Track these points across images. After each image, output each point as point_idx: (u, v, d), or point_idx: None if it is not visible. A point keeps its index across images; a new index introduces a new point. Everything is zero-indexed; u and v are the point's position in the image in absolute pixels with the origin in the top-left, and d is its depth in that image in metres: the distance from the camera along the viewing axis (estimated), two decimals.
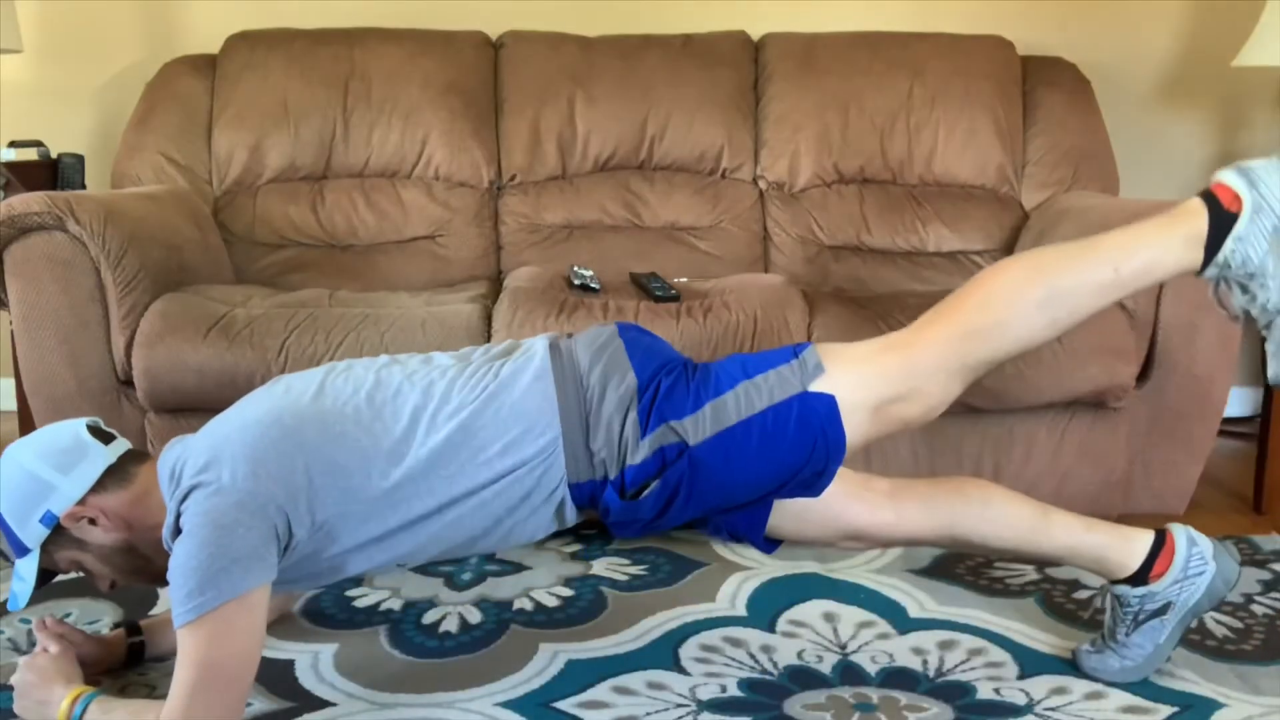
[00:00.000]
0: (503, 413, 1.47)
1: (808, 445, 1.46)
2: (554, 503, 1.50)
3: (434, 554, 1.54)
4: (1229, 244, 1.42)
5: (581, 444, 1.47)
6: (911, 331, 1.49)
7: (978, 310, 1.45)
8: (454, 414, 1.48)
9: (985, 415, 2.22)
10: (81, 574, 1.58)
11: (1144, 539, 1.61)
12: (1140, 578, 1.59)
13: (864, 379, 1.46)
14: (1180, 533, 1.62)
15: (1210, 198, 1.45)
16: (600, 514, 1.52)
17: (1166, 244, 1.44)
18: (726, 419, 1.45)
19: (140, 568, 1.56)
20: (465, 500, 1.47)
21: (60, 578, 2.03)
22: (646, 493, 1.47)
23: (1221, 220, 1.42)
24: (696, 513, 1.53)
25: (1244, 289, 1.45)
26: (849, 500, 1.62)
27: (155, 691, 1.64)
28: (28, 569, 1.52)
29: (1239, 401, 3.20)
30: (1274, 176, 1.42)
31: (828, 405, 1.44)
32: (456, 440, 1.46)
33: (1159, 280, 1.50)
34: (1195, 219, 1.44)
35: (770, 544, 1.65)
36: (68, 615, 1.90)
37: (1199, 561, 1.59)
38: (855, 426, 1.46)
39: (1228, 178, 1.44)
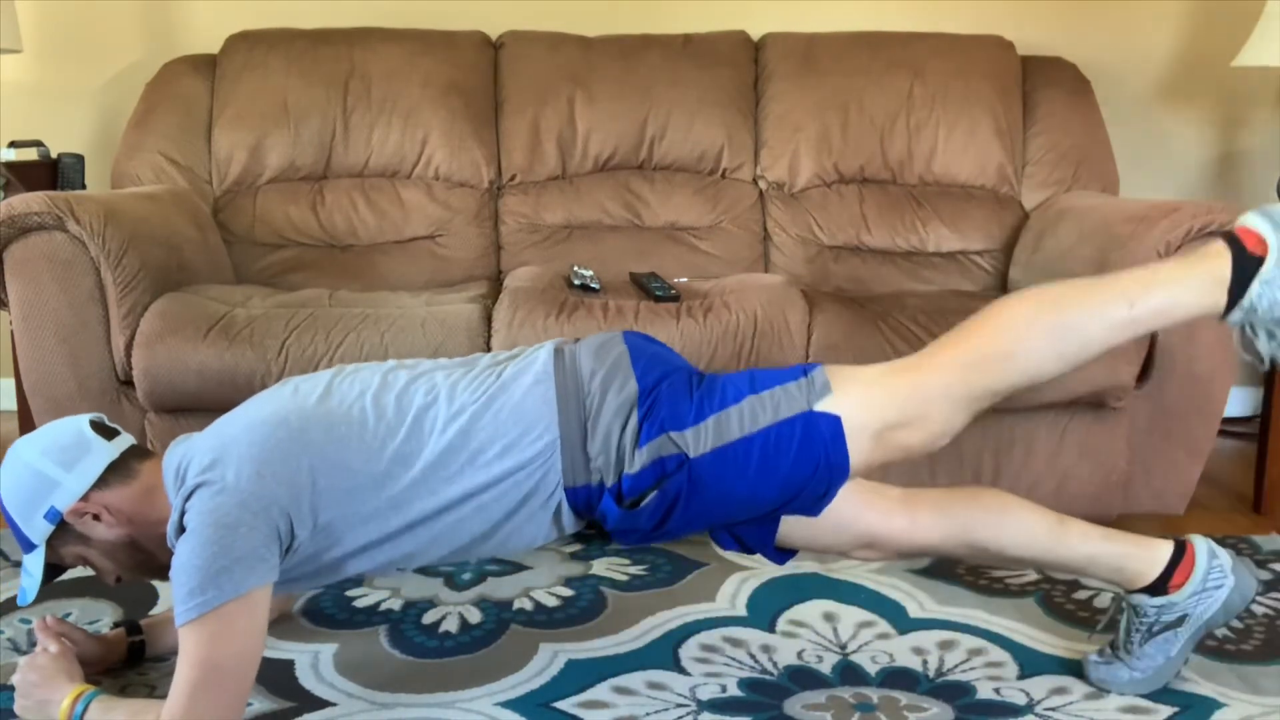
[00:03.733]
0: (502, 415, 1.47)
1: (810, 465, 1.44)
2: (551, 507, 1.49)
3: (433, 558, 1.54)
4: (1255, 287, 1.37)
5: (579, 448, 1.46)
6: (920, 356, 1.47)
7: (987, 339, 1.42)
8: (455, 416, 1.48)
9: (985, 415, 2.20)
10: (88, 568, 1.59)
11: (1164, 548, 1.60)
12: (1159, 588, 1.57)
13: (869, 401, 1.43)
14: (1201, 544, 1.60)
15: (1234, 240, 1.39)
16: (600, 520, 1.52)
17: (1187, 283, 1.39)
18: (729, 433, 1.43)
19: (144, 563, 1.57)
20: (465, 502, 1.47)
21: (61, 577, 2.03)
22: (645, 503, 1.46)
23: (1246, 263, 1.37)
24: (698, 526, 1.51)
25: (1271, 335, 1.41)
26: (862, 507, 1.60)
27: (155, 691, 1.65)
28: (34, 564, 1.52)
29: (1239, 401, 3.21)
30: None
31: (833, 426, 1.42)
32: (457, 442, 1.46)
33: (1178, 321, 1.44)
34: (1218, 261, 1.38)
35: (782, 554, 1.64)
36: (68, 615, 1.90)
37: (1219, 574, 1.57)
38: (858, 450, 1.44)
39: (1252, 221, 1.39)
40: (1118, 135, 2.91)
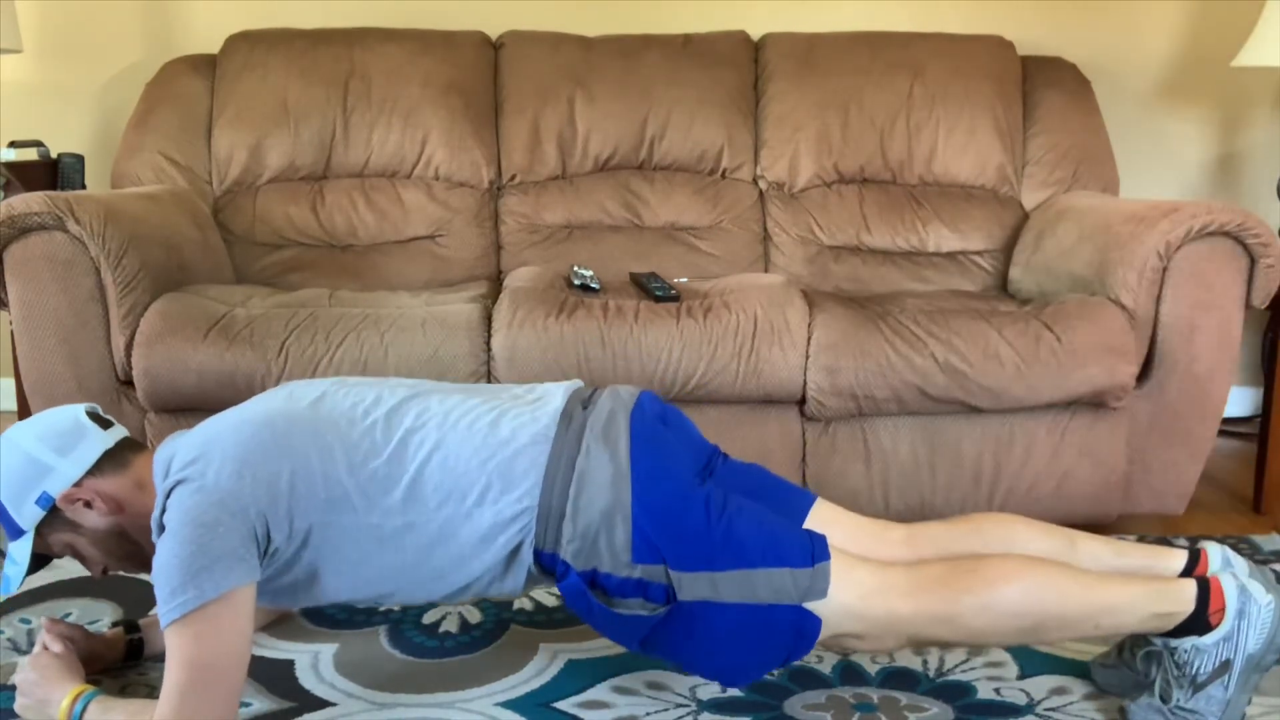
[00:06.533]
0: (489, 465, 1.45)
1: (777, 651, 1.46)
2: (524, 564, 1.48)
3: (408, 597, 1.52)
4: (1188, 643, 1.46)
5: (556, 523, 1.45)
6: (912, 580, 1.46)
7: (973, 612, 1.44)
8: (439, 446, 1.46)
9: (985, 415, 2.22)
10: (73, 558, 1.58)
11: (1176, 561, 1.59)
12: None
13: (848, 615, 1.44)
14: (1215, 550, 1.58)
15: (1204, 593, 1.46)
16: (556, 582, 1.49)
17: (1149, 617, 1.47)
18: (722, 594, 1.42)
19: (132, 553, 1.56)
20: (436, 537, 1.45)
21: (61, 578, 2.03)
22: (617, 609, 1.44)
23: (1198, 621, 1.46)
24: (643, 649, 1.50)
25: (1166, 676, 1.49)
26: (867, 553, 1.58)
27: (154, 691, 1.64)
28: (21, 551, 1.52)
29: (1239, 401, 3.21)
30: (1264, 622, 1.45)
31: (812, 628, 1.44)
32: (437, 478, 1.45)
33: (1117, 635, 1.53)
34: (1183, 606, 1.46)
35: None
36: (68, 615, 1.90)
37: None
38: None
39: (1229, 589, 1.46)
40: (1118, 135, 2.92)
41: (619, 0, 3.06)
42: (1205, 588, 1.47)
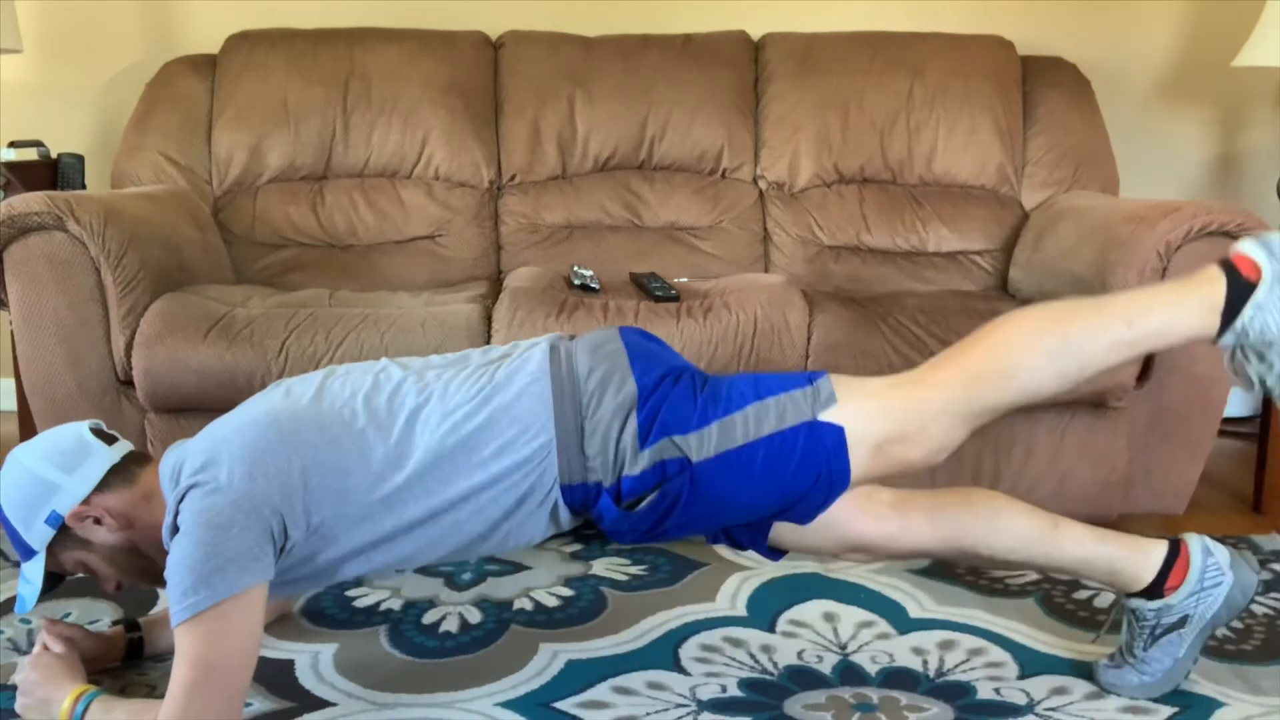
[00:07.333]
0: (497, 415, 1.46)
1: (812, 475, 1.43)
2: (548, 506, 1.49)
3: (431, 559, 1.54)
4: (1248, 311, 1.39)
5: (576, 449, 1.45)
6: (922, 371, 1.47)
7: (990, 357, 1.43)
8: (448, 415, 1.47)
9: None
10: (86, 575, 1.59)
11: (1157, 550, 1.59)
12: (1155, 590, 1.56)
13: (870, 414, 1.43)
14: (1195, 543, 1.59)
15: (1229, 266, 1.42)
16: (594, 519, 1.51)
17: (1184, 305, 1.42)
18: (733, 439, 1.43)
19: (144, 568, 1.57)
20: (460, 503, 1.46)
21: (59, 587, 2.03)
22: (643, 504, 1.45)
23: (1240, 288, 1.40)
24: (694, 529, 1.51)
25: (1261, 357, 1.42)
26: (852, 511, 1.60)
27: (155, 691, 1.65)
28: (34, 571, 1.52)
29: (1239, 401, 3.21)
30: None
31: (836, 437, 1.42)
32: (451, 443, 1.45)
33: (1173, 343, 1.46)
34: (1213, 285, 1.41)
35: (775, 552, 1.64)
36: (67, 615, 1.90)
37: (1215, 572, 1.56)
38: (858, 462, 1.43)
39: (1247, 247, 1.42)
40: (1118, 135, 2.91)
41: (619, 0, 3.06)
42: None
